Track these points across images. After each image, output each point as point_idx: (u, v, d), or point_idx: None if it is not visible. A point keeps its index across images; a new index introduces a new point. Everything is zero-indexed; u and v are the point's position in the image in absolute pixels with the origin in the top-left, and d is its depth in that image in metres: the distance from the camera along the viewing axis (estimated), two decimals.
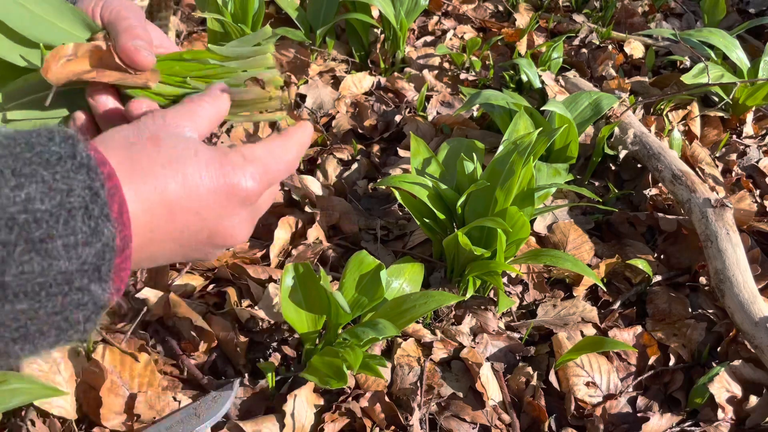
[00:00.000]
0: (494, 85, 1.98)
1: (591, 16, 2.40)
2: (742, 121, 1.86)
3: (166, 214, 0.42)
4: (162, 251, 0.44)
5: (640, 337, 1.28)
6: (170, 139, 0.44)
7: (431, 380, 1.15)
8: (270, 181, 0.47)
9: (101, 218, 0.37)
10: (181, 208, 0.42)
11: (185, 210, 0.43)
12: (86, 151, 0.38)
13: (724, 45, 1.83)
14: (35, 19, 0.57)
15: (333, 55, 2.01)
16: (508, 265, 1.22)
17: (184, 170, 0.43)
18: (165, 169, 0.42)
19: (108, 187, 0.38)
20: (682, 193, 1.46)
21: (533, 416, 1.14)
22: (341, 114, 1.79)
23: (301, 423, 1.05)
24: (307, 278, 1.09)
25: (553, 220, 1.51)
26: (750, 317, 1.20)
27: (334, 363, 1.02)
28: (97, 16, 0.61)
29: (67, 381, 1.04)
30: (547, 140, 1.34)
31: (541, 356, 1.23)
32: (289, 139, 0.50)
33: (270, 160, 0.47)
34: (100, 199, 0.37)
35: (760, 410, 1.14)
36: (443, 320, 1.28)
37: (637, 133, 1.62)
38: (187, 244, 0.45)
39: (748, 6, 2.46)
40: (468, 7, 2.38)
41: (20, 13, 0.57)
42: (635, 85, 2.00)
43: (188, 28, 2.06)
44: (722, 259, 1.29)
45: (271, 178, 0.47)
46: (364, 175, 1.63)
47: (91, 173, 0.37)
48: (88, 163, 0.37)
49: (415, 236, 1.44)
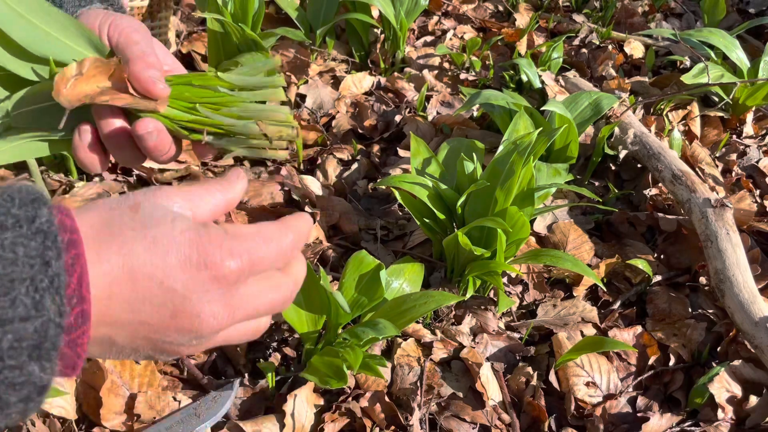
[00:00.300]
0: (494, 85, 1.98)
1: (591, 16, 2.40)
2: (742, 121, 1.86)
3: (128, 280, 0.37)
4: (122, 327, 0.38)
5: (640, 337, 1.28)
6: (151, 207, 0.39)
7: (431, 380, 1.15)
8: (253, 262, 0.40)
9: (49, 291, 0.33)
10: (144, 275, 0.37)
11: (148, 278, 0.37)
12: (48, 216, 0.34)
13: (724, 45, 1.83)
14: (41, 35, 0.57)
15: (333, 55, 2.02)
16: (508, 265, 1.22)
17: (154, 235, 0.38)
18: (134, 232, 0.38)
19: (66, 257, 0.34)
20: (682, 193, 1.46)
21: (533, 416, 1.14)
22: (341, 114, 1.79)
23: (301, 423, 1.05)
24: (307, 278, 1.09)
25: (553, 220, 1.51)
26: (750, 317, 1.20)
27: (334, 363, 1.02)
28: (104, 35, 0.60)
29: (67, 381, 1.04)
30: (547, 140, 1.34)
31: (541, 356, 1.23)
32: (284, 225, 0.43)
33: (257, 241, 0.41)
34: (51, 270, 0.33)
35: (760, 410, 1.14)
36: (443, 320, 1.28)
37: (637, 133, 1.62)
38: (149, 322, 0.38)
39: (748, 6, 2.46)
40: (468, 7, 2.38)
41: (25, 28, 0.56)
42: (635, 85, 2.00)
43: (188, 28, 2.06)
44: (722, 259, 1.29)
45: (256, 259, 0.40)
46: (364, 175, 1.63)
47: (48, 240, 0.34)
48: (46, 229, 0.34)
49: (415, 236, 1.44)
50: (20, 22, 0.56)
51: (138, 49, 0.58)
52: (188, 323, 0.39)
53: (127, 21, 0.61)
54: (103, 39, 0.61)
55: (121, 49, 0.59)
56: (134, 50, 0.58)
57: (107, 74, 0.58)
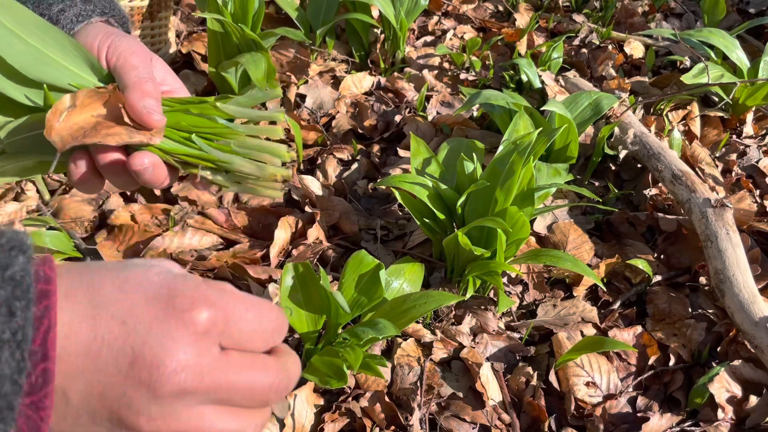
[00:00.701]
0: (494, 85, 1.98)
1: (591, 16, 2.40)
2: (742, 121, 1.86)
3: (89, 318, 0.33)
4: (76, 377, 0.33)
5: (640, 337, 1.28)
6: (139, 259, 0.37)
7: (431, 380, 1.15)
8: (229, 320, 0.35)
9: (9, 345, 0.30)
10: (107, 313, 0.33)
11: (111, 316, 0.33)
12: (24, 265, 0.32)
13: (724, 45, 1.84)
14: (38, 56, 0.56)
15: (333, 55, 2.02)
16: (508, 265, 1.22)
17: (127, 275, 0.35)
18: (108, 271, 0.35)
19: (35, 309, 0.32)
20: (682, 193, 1.46)
21: (533, 416, 1.14)
22: (341, 114, 1.79)
23: (301, 423, 1.05)
24: (307, 278, 1.09)
25: (553, 220, 1.51)
26: (750, 317, 1.20)
27: (334, 363, 1.02)
28: (103, 58, 0.60)
29: None
30: (547, 140, 1.34)
31: (541, 356, 1.23)
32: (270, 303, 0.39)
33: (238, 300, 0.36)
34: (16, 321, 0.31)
35: (760, 410, 1.14)
36: (443, 320, 1.28)
37: (637, 133, 1.62)
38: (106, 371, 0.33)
39: (748, 6, 2.46)
40: (468, 7, 2.38)
41: (23, 50, 0.55)
42: (635, 85, 2.00)
43: (188, 28, 2.06)
44: (722, 259, 1.29)
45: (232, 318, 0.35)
46: (364, 175, 1.63)
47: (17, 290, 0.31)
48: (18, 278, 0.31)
49: (415, 236, 1.44)
50: (16, 44, 0.55)
51: (135, 75, 0.57)
52: (147, 375, 0.33)
53: (126, 43, 0.60)
54: (102, 61, 0.60)
55: (118, 73, 0.58)
56: (131, 76, 0.57)
57: (102, 101, 0.57)
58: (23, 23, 0.55)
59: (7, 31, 0.54)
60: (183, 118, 0.60)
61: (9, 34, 0.54)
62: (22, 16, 0.55)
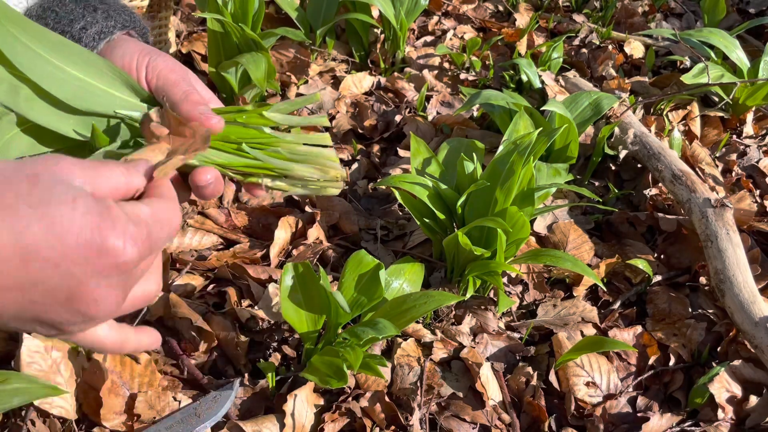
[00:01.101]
0: (494, 85, 1.98)
1: (591, 16, 2.40)
2: (742, 121, 1.86)
3: (19, 261, 0.35)
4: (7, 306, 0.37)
5: (640, 337, 1.28)
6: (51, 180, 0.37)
7: (431, 380, 1.15)
8: (151, 247, 0.41)
9: None
10: (38, 258, 0.36)
11: (44, 260, 0.36)
12: None
13: (724, 45, 1.84)
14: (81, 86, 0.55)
15: (333, 55, 2.02)
16: (508, 265, 1.22)
17: (53, 214, 0.36)
18: (31, 209, 0.36)
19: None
20: (682, 193, 1.46)
21: (533, 416, 1.14)
22: (341, 114, 1.79)
23: (301, 423, 1.05)
24: (307, 278, 1.09)
25: (553, 220, 1.51)
26: (750, 317, 1.20)
27: (334, 363, 1.02)
28: (143, 79, 0.60)
29: (67, 381, 1.04)
30: (547, 140, 1.34)
31: (541, 356, 1.23)
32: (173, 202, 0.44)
33: (155, 226, 0.41)
34: None
35: (760, 410, 1.14)
36: (443, 320, 1.28)
37: (637, 133, 1.62)
38: (41, 301, 0.37)
39: (748, 6, 2.46)
40: (468, 7, 2.38)
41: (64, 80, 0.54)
42: (635, 85, 2.00)
43: (188, 28, 2.06)
44: (722, 259, 1.29)
45: (153, 245, 0.41)
46: (364, 175, 1.63)
47: None
48: None
49: (415, 236, 1.44)
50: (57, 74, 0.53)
51: (180, 90, 0.58)
52: (84, 307, 0.39)
53: (162, 62, 0.61)
54: (141, 83, 0.60)
55: (164, 92, 0.59)
56: (177, 92, 0.58)
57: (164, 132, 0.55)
58: (59, 51, 0.54)
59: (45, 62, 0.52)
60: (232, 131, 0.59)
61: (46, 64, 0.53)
62: (53, 43, 0.54)
